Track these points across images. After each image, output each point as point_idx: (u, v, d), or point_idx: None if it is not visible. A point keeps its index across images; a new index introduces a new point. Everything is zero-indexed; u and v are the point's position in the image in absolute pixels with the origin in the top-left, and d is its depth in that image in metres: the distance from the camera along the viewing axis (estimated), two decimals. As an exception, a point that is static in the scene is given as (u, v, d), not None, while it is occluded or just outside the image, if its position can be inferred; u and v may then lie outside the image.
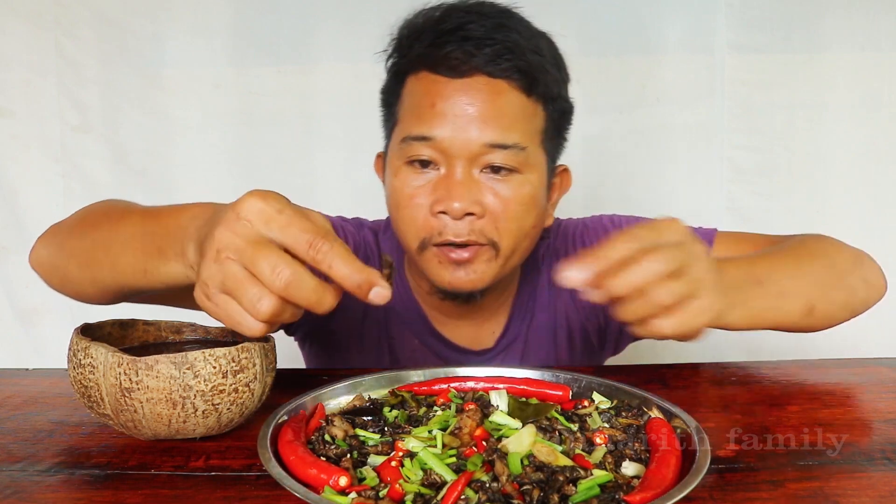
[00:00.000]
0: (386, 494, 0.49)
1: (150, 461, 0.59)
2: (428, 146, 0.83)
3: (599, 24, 1.79)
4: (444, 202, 0.82)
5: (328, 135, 1.83)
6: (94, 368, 0.58)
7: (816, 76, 1.79)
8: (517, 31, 0.84)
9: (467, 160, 0.83)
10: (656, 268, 0.56)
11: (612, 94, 1.81)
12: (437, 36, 0.84)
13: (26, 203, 1.82)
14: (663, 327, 0.58)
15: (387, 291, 0.53)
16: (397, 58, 0.90)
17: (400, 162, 0.86)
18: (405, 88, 0.88)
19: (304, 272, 0.51)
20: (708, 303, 0.59)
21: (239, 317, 0.53)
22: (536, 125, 0.86)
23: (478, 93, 0.82)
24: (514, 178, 0.84)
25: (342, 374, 0.74)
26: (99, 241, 0.75)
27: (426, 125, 0.83)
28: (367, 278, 0.52)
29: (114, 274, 0.73)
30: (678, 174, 1.85)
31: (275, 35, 1.81)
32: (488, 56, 0.82)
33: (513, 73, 0.83)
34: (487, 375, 0.71)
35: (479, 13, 0.84)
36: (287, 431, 0.57)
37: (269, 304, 0.52)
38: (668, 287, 0.57)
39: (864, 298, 0.86)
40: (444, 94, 0.83)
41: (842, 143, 1.81)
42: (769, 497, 0.52)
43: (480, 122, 0.82)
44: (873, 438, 0.63)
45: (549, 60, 0.87)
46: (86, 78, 1.81)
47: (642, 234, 0.58)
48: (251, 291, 0.52)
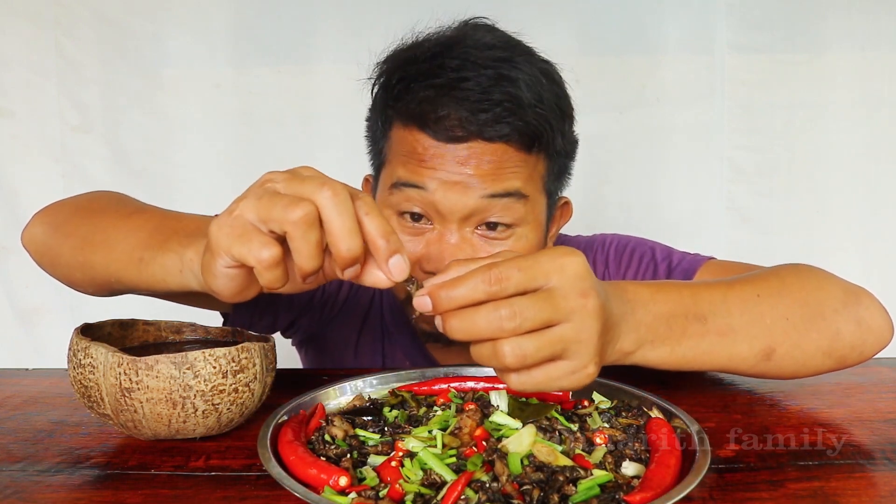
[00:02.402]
0: (386, 494, 0.49)
1: (150, 461, 0.59)
2: (419, 198, 0.80)
3: (599, 24, 1.79)
4: (436, 264, 0.79)
5: (328, 135, 1.83)
6: (94, 368, 0.58)
7: (816, 76, 1.79)
8: (517, 84, 0.78)
9: (461, 219, 0.79)
10: (500, 322, 0.47)
11: (612, 94, 1.81)
12: (429, 91, 0.78)
13: (26, 203, 1.82)
14: (510, 382, 0.51)
15: (406, 267, 0.49)
16: (384, 98, 0.84)
17: (390, 211, 0.82)
18: (393, 132, 0.84)
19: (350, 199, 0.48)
20: (576, 365, 0.50)
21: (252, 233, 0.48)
22: (538, 173, 0.83)
23: (474, 156, 0.78)
24: (511, 235, 0.81)
25: (342, 374, 0.74)
26: (101, 226, 0.73)
27: (415, 175, 0.79)
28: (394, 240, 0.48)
29: (107, 260, 0.70)
30: (678, 174, 1.85)
31: (275, 35, 1.81)
32: (485, 122, 0.77)
33: (512, 136, 0.78)
34: (487, 375, 0.71)
35: (474, 63, 0.78)
36: (287, 431, 0.57)
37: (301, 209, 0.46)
38: (516, 344, 0.48)
39: (856, 344, 0.71)
40: (437, 155, 0.78)
41: (842, 143, 1.81)
42: (769, 497, 0.52)
43: (477, 179, 0.78)
44: (873, 438, 0.63)
45: (551, 110, 0.81)
46: (86, 78, 1.81)
47: (507, 272, 0.48)
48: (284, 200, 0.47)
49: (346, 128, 1.81)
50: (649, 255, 0.95)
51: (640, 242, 0.98)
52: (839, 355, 0.70)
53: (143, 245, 0.66)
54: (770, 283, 0.69)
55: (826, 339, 0.69)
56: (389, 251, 0.48)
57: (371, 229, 0.48)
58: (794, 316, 0.68)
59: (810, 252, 1.82)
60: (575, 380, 0.51)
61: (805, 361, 0.69)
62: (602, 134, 1.82)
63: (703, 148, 1.83)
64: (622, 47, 1.81)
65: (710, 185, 1.84)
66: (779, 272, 0.73)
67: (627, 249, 0.97)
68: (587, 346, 0.50)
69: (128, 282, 0.70)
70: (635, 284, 0.61)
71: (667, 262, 0.93)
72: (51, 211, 0.80)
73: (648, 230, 1.86)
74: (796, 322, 0.68)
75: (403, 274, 0.49)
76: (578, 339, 0.50)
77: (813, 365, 0.70)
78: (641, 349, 0.59)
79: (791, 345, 0.67)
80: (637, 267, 0.95)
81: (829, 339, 0.69)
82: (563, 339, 0.50)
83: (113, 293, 0.76)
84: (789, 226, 1.84)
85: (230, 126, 1.84)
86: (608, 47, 1.80)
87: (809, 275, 0.73)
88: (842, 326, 0.70)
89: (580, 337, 0.50)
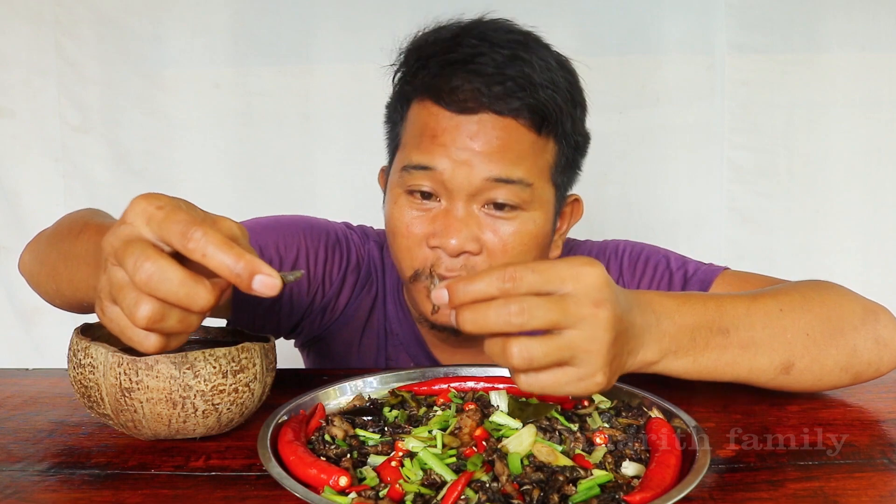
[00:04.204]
0: (386, 494, 0.49)
1: (150, 461, 0.59)
2: (428, 177, 0.81)
3: (599, 24, 1.79)
4: (441, 238, 0.80)
5: (328, 135, 1.83)
6: (94, 368, 0.58)
7: (816, 76, 1.79)
8: (531, 65, 0.80)
9: (468, 195, 0.80)
10: (508, 316, 0.48)
11: (612, 94, 1.81)
12: (446, 66, 0.80)
13: (27, 203, 1.83)
14: (519, 382, 0.52)
15: (275, 281, 0.46)
16: (403, 78, 0.87)
17: (400, 190, 0.84)
18: (409, 111, 0.86)
19: (169, 265, 0.46)
20: (583, 373, 0.51)
21: (129, 331, 0.49)
22: (546, 160, 0.84)
23: (483, 130, 0.79)
24: (518, 216, 0.82)
25: (342, 373, 0.74)
26: (61, 253, 0.74)
27: (427, 156, 0.81)
28: (246, 266, 0.46)
29: (72, 288, 0.71)
30: (678, 174, 1.85)
31: (275, 35, 1.81)
32: (497, 94, 0.78)
33: (522, 112, 0.80)
34: (487, 375, 0.71)
35: (492, 42, 0.80)
36: (287, 431, 0.57)
37: (145, 307, 0.46)
38: (524, 346, 0.49)
39: (872, 361, 0.72)
40: (448, 129, 0.80)
41: (842, 143, 1.81)
42: (769, 497, 0.52)
43: (484, 158, 0.79)
44: (873, 438, 0.63)
45: (563, 94, 0.83)
46: (86, 78, 1.81)
47: (522, 273, 0.50)
48: (129, 296, 0.47)
49: (346, 128, 1.82)
50: (664, 264, 0.95)
51: (653, 250, 0.98)
52: (855, 371, 0.72)
53: (91, 270, 0.65)
54: (792, 298, 0.71)
55: (844, 355, 0.70)
56: (247, 280, 0.46)
57: (218, 269, 0.46)
58: (815, 331, 0.69)
59: (810, 252, 1.82)
60: (583, 387, 0.52)
61: (822, 376, 0.70)
62: (602, 134, 1.81)
63: (703, 148, 1.83)
64: (622, 47, 1.81)
65: (710, 185, 1.84)
66: (800, 287, 0.74)
67: (641, 257, 0.97)
68: (596, 356, 0.51)
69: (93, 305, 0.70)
70: (661, 295, 0.61)
71: (682, 272, 0.93)
72: (36, 239, 0.83)
73: (648, 230, 1.86)
74: (816, 338, 0.69)
75: (274, 289, 0.46)
76: (587, 347, 0.50)
77: (830, 380, 0.71)
78: (665, 359, 0.60)
79: (810, 360, 0.69)
80: (652, 275, 0.95)
81: (848, 355, 0.71)
82: (570, 346, 0.50)
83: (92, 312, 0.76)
84: (789, 226, 1.84)
85: (230, 126, 1.84)
86: (608, 47, 1.80)
87: (830, 291, 0.74)
88: (860, 343, 0.71)
89: (589, 346, 0.50)
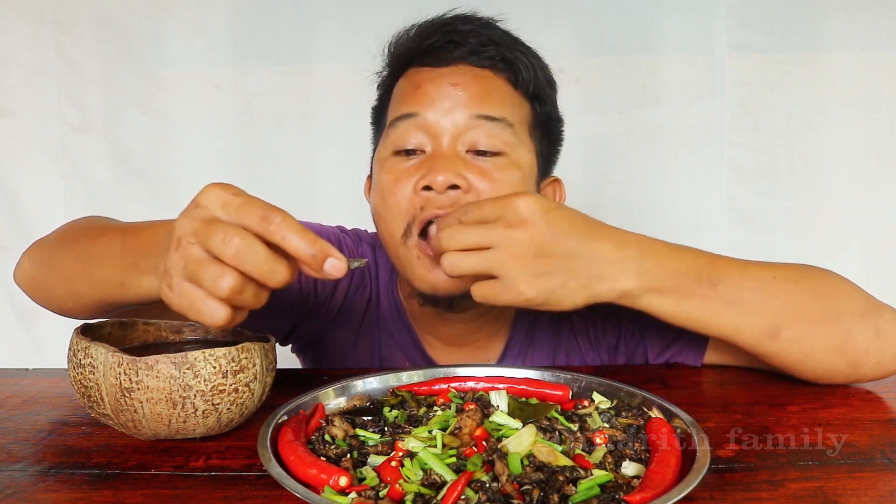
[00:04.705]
0: (386, 494, 0.49)
1: (150, 461, 0.59)
2: (413, 124, 0.83)
3: (599, 24, 1.79)
4: (428, 176, 0.80)
5: (328, 135, 1.83)
6: (94, 368, 0.58)
7: (816, 76, 1.79)
8: (508, 35, 0.88)
9: (452, 137, 0.82)
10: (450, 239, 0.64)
11: (612, 94, 1.81)
12: (424, 34, 0.88)
13: (27, 203, 1.82)
14: (474, 293, 0.66)
15: (343, 265, 0.53)
16: (387, 70, 0.93)
17: (387, 153, 0.86)
18: (394, 91, 0.90)
19: (256, 241, 0.51)
20: (505, 284, 0.64)
21: (200, 304, 0.52)
22: (523, 113, 0.87)
23: (463, 78, 0.84)
24: (500, 160, 0.83)
25: (342, 373, 0.75)
26: (79, 254, 0.75)
27: (411, 105, 0.84)
28: (321, 249, 0.52)
29: (92, 288, 0.72)
30: (678, 174, 1.85)
31: (275, 35, 1.81)
32: (473, 46, 0.85)
33: (497, 63, 0.85)
34: (487, 375, 0.71)
35: (470, 18, 0.88)
36: (287, 431, 0.57)
37: (228, 279, 0.51)
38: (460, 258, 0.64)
39: (871, 351, 0.72)
40: (430, 78, 0.85)
41: (842, 143, 1.81)
42: (769, 497, 0.52)
43: (466, 99, 0.83)
44: (873, 438, 0.63)
45: (537, 65, 0.89)
46: (86, 78, 1.81)
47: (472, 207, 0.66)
48: (210, 269, 0.51)
49: (346, 128, 1.82)
50: None
51: None
52: (851, 358, 0.72)
53: (118, 268, 0.68)
54: (789, 272, 0.73)
55: (837, 336, 0.71)
56: (320, 262, 0.52)
57: (295, 251, 0.52)
58: (806, 305, 0.71)
59: (810, 252, 1.82)
60: (508, 296, 0.64)
61: (812, 352, 0.72)
62: (602, 134, 1.82)
63: (703, 148, 1.83)
64: (622, 47, 1.80)
65: (710, 185, 1.84)
66: (804, 267, 0.75)
67: None
68: (512, 270, 0.63)
69: (115, 303, 0.72)
70: (653, 239, 0.69)
71: None
72: (36, 247, 0.83)
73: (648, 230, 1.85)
74: (807, 312, 0.71)
75: (341, 271, 0.53)
76: (504, 262, 0.63)
77: (821, 358, 0.72)
78: (647, 295, 0.67)
79: (798, 330, 0.70)
80: None
81: (841, 336, 0.71)
82: (488, 259, 0.63)
83: (106, 314, 0.77)
84: (789, 226, 1.84)
85: (230, 126, 1.84)
86: (608, 47, 1.80)
87: (834, 278, 0.75)
88: (856, 330, 0.72)
89: (505, 261, 0.63)
